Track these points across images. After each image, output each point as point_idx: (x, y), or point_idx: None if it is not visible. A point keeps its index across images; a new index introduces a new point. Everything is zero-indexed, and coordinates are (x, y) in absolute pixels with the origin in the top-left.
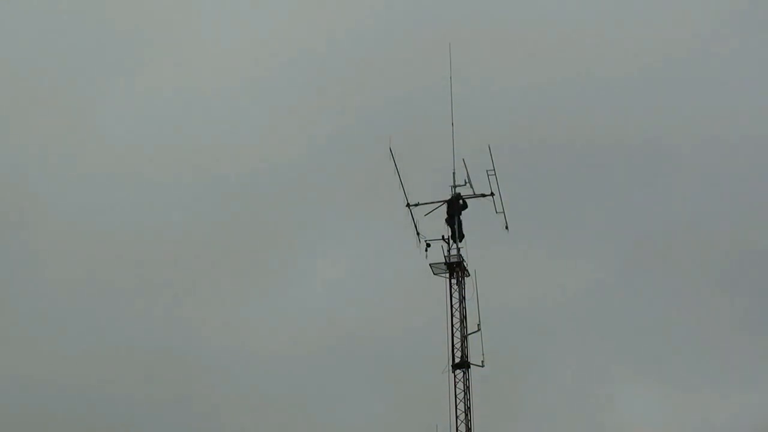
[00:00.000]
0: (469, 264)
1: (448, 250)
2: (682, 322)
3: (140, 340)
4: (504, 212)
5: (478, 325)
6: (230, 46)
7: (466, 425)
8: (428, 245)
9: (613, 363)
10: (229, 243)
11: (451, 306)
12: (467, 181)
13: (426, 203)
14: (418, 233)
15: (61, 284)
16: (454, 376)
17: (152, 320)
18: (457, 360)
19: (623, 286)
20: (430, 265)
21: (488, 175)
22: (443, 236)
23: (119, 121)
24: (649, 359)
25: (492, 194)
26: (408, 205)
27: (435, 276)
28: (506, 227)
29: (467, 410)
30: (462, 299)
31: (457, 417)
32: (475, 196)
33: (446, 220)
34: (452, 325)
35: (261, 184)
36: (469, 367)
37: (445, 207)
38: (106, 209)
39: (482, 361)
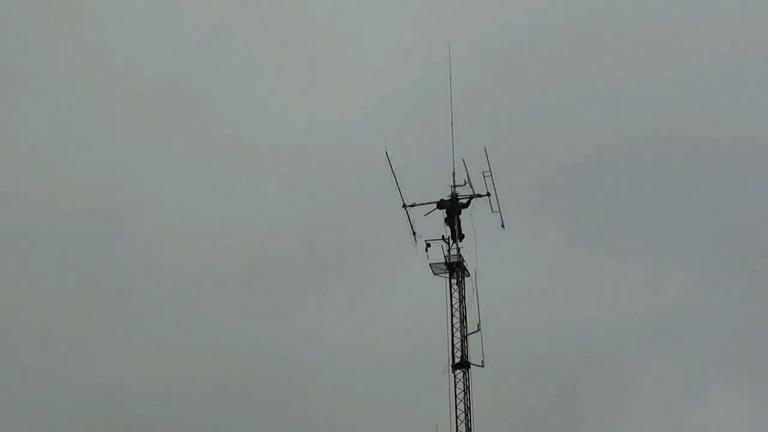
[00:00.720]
0: (472, 264)
1: (448, 250)
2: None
3: (245, 340)
4: (500, 211)
5: (478, 325)
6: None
7: (466, 425)
8: (428, 245)
9: (697, 373)
10: (335, 246)
11: (451, 306)
12: (467, 181)
13: (422, 204)
14: (414, 233)
15: (172, 284)
16: (454, 376)
17: (256, 320)
18: (457, 360)
19: (696, 295)
20: (430, 265)
21: (484, 177)
22: (443, 236)
23: (235, 121)
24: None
25: (488, 194)
26: (404, 206)
27: (435, 276)
28: (502, 226)
29: (467, 410)
30: (462, 299)
31: (457, 417)
32: (472, 196)
33: (446, 219)
34: (452, 325)
35: (369, 191)
36: (469, 367)
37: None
38: (216, 208)
39: (482, 361)
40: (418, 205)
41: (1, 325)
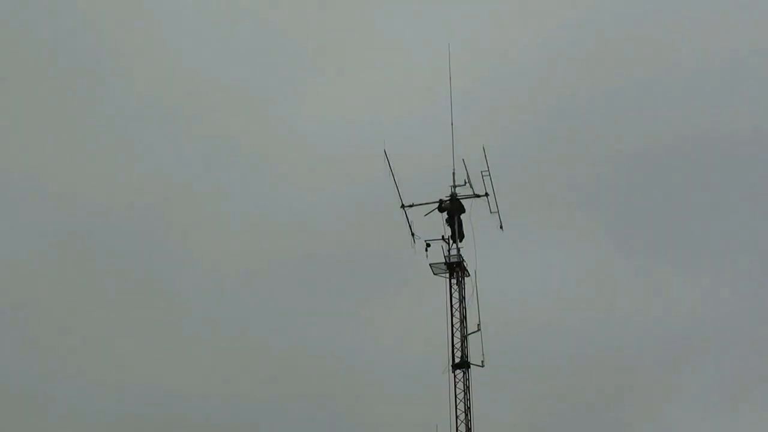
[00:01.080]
0: (475, 264)
1: (448, 250)
2: None
3: (288, 341)
4: (498, 212)
5: (478, 325)
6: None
7: (466, 425)
8: (428, 245)
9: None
10: (337, 247)
11: (451, 306)
12: (467, 181)
13: (420, 204)
14: (413, 234)
15: (215, 283)
16: (454, 376)
17: (301, 320)
18: (457, 360)
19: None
20: (430, 265)
21: (482, 176)
22: (443, 236)
23: (293, 122)
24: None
25: (486, 194)
26: (403, 206)
27: (435, 276)
28: (501, 227)
29: (467, 410)
30: (462, 299)
31: (457, 417)
32: (470, 196)
33: (446, 220)
34: (452, 325)
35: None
36: (469, 367)
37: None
38: (262, 207)
39: (482, 361)
40: (416, 205)
41: (44, 327)
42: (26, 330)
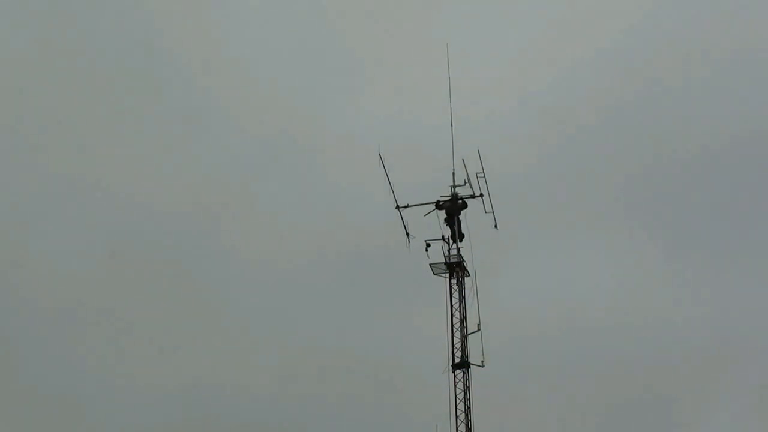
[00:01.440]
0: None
1: (448, 250)
2: None
3: (330, 341)
4: (493, 212)
5: (478, 325)
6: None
7: (466, 425)
8: (428, 245)
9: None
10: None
11: (451, 306)
12: (467, 181)
13: (415, 205)
14: (407, 234)
15: (256, 282)
16: (454, 376)
17: (342, 321)
18: (457, 360)
19: None
20: (430, 265)
21: (477, 178)
22: (443, 236)
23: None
24: None
25: (481, 195)
26: (397, 207)
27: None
28: (495, 226)
29: (467, 410)
30: (462, 299)
31: (457, 417)
32: (467, 197)
33: (445, 219)
34: (452, 325)
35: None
36: (469, 367)
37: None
38: (307, 206)
39: (482, 361)
40: (412, 206)
41: (93, 326)
42: (78, 329)
